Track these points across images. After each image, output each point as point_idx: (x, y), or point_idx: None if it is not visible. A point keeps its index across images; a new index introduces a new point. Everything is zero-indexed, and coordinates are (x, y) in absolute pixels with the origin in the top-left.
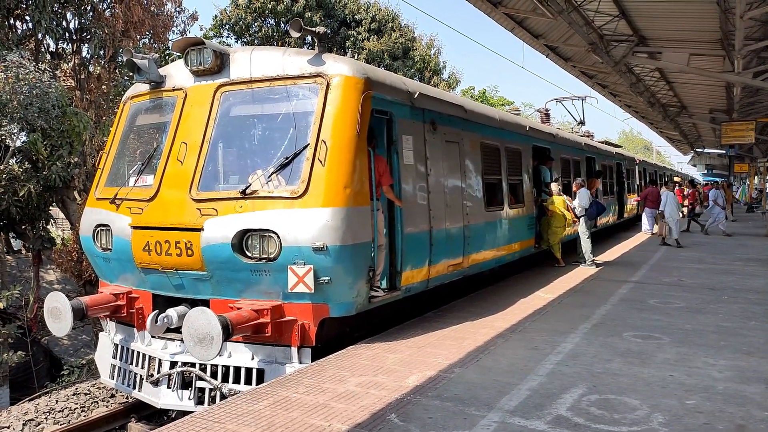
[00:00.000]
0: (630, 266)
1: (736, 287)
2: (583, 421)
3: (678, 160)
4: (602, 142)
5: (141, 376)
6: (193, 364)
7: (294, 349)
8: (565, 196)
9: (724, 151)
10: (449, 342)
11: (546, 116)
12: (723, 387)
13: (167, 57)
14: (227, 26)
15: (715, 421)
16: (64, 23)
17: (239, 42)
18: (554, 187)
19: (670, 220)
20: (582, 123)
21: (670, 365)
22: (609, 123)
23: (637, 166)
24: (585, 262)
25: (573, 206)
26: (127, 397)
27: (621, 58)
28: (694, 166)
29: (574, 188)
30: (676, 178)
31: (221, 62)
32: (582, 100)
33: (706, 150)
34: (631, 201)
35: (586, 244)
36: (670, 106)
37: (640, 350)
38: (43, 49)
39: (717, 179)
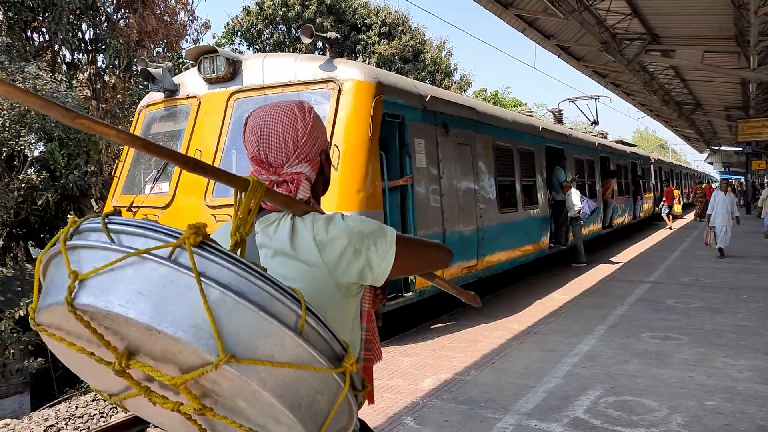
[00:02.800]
0: (647, 266)
1: (755, 286)
2: (601, 423)
3: (694, 159)
4: (616, 142)
5: None
6: None
7: None
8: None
9: (740, 149)
10: (464, 344)
11: (559, 116)
12: (743, 387)
13: (181, 65)
14: (239, 33)
15: (736, 422)
16: (79, 34)
17: (251, 49)
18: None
19: (719, 226)
20: (595, 123)
21: (688, 366)
22: (623, 122)
23: (652, 165)
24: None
25: (572, 206)
26: None
27: (634, 56)
28: (711, 164)
29: (564, 190)
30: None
31: (234, 69)
32: (595, 99)
33: (723, 148)
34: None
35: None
36: (685, 103)
37: (658, 351)
38: (59, 60)
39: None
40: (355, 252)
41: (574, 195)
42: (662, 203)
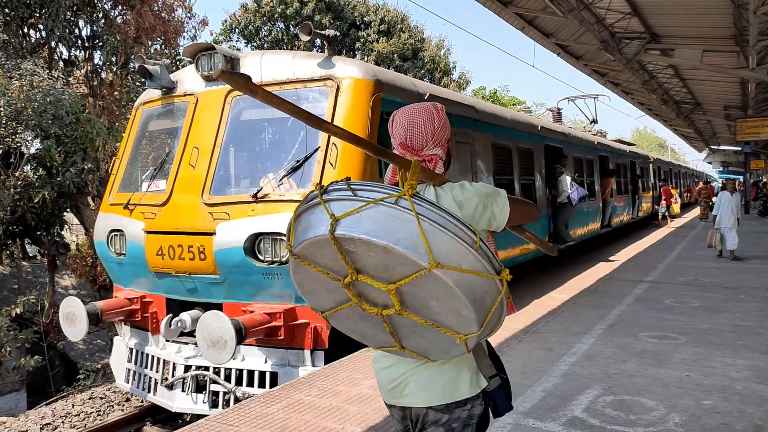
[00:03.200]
0: (645, 265)
1: (753, 286)
2: (599, 422)
3: (693, 158)
4: (615, 141)
5: (155, 379)
6: (207, 368)
7: (307, 352)
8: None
9: (739, 148)
10: None
11: (558, 115)
12: (741, 387)
13: (178, 63)
14: (237, 31)
15: (733, 422)
16: (76, 31)
17: (249, 46)
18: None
19: (725, 228)
20: (594, 121)
21: (686, 365)
22: (622, 121)
23: (651, 164)
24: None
25: (561, 192)
26: (142, 401)
27: (633, 55)
28: (710, 163)
29: (556, 176)
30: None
31: (232, 67)
32: (594, 98)
33: (722, 147)
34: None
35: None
36: (684, 103)
37: (656, 350)
38: (56, 57)
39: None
40: (483, 207)
41: (564, 181)
42: (662, 202)
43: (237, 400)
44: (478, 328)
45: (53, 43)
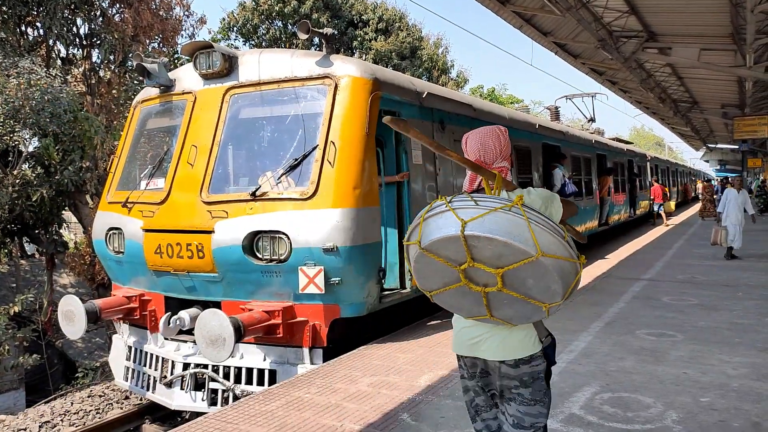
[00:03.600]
0: (642, 263)
1: (751, 284)
2: (597, 419)
3: (690, 156)
4: (613, 139)
5: (154, 377)
6: (205, 366)
7: (305, 350)
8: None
9: (736, 147)
10: None
11: (556, 114)
12: (738, 384)
13: (176, 61)
14: (235, 29)
15: (730, 419)
16: (74, 29)
17: (247, 44)
18: None
19: (731, 225)
20: (592, 120)
21: (684, 363)
22: (620, 119)
23: (648, 163)
24: None
25: (552, 186)
26: (141, 399)
27: (631, 54)
28: (707, 161)
29: (551, 169)
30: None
31: (230, 65)
32: (592, 97)
33: (719, 145)
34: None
35: None
36: (682, 101)
37: (654, 348)
38: (54, 55)
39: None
40: (545, 208)
41: (556, 175)
42: (652, 201)
43: (236, 397)
44: (561, 299)
45: (51, 41)
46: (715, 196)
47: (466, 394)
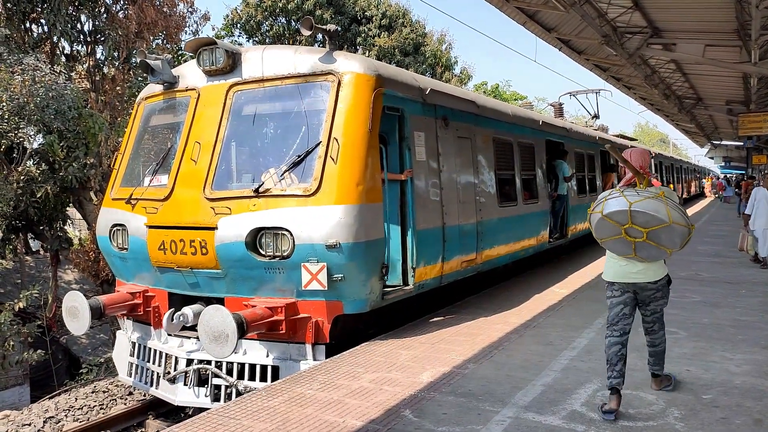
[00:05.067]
0: None
1: (754, 281)
2: (598, 416)
3: (695, 153)
4: (617, 136)
5: (158, 373)
6: (209, 362)
7: (308, 346)
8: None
9: (741, 143)
10: (463, 338)
11: (559, 110)
12: (740, 381)
13: (180, 57)
14: (238, 25)
15: (733, 416)
16: (78, 26)
17: (250, 41)
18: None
19: (759, 230)
20: (596, 116)
21: (686, 359)
22: (624, 116)
23: (653, 160)
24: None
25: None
26: (144, 395)
27: (635, 50)
28: (711, 158)
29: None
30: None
31: (233, 62)
32: (596, 93)
33: (723, 142)
34: None
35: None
36: (686, 97)
37: None
38: (58, 52)
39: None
40: (673, 196)
41: (562, 165)
42: None
43: (239, 393)
44: (679, 248)
45: (55, 38)
46: (721, 192)
47: (614, 308)
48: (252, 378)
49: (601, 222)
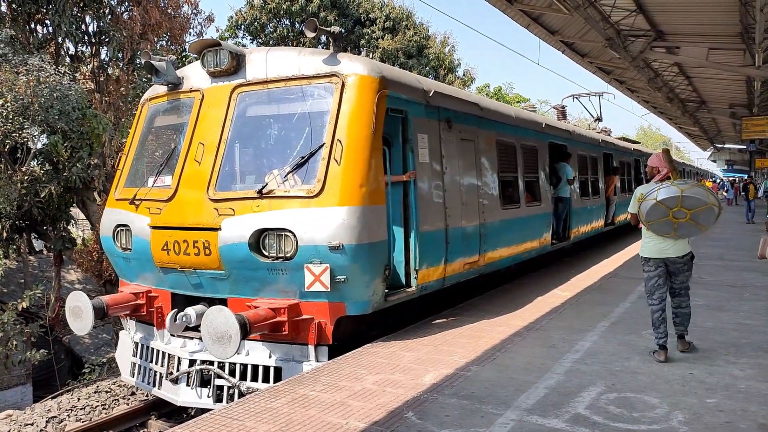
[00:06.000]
0: None
1: (758, 284)
2: (602, 419)
3: (698, 156)
4: (620, 139)
5: (161, 374)
6: (211, 362)
7: (311, 348)
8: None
9: (744, 147)
10: (466, 340)
11: (562, 113)
12: (744, 385)
13: (184, 59)
14: (242, 27)
15: (737, 420)
16: (83, 27)
17: (254, 43)
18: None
19: None
20: (599, 119)
21: (690, 363)
22: (627, 119)
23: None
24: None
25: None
26: (147, 395)
27: (638, 53)
28: (714, 162)
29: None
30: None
31: (237, 63)
32: (599, 96)
33: (726, 145)
34: None
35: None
36: (689, 101)
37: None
38: (62, 53)
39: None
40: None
41: (565, 168)
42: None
43: (241, 394)
44: (713, 225)
45: (60, 39)
46: (725, 193)
47: (650, 281)
48: (254, 379)
49: (654, 207)
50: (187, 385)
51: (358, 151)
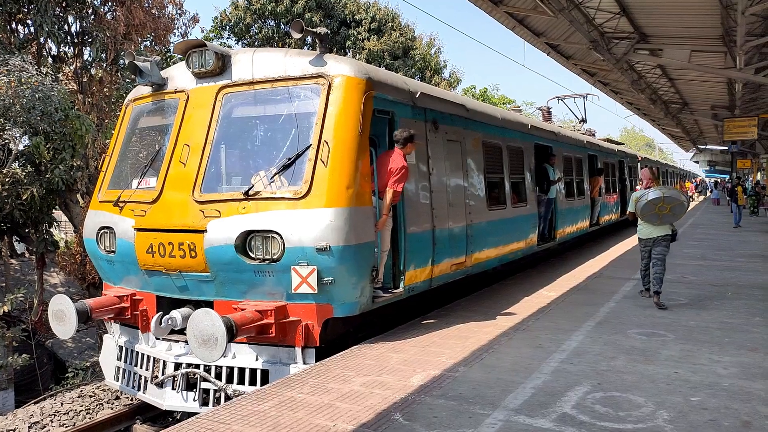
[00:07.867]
0: (633, 263)
1: (740, 284)
2: (588, 418)
3: (680, 157)
4: (604, 140)
5: (146, 377)
6: (197, 366)
7: (298, 350)
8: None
9: (726, 148)
10: (453, 341)
11: (548, 114)
12: (728, 383)
13: (169, 59)
14: (227, 28)
15: (721, 418)
16: (65, 27)
17: (240, 44)
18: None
19: None
20: (584, 121)
21: (674, 362)
22: (611, 120)
23: (639, 164)
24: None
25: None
26: (131, 399)
27: (622, 55)
28: (697, 162)
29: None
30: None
31: (223, 64)
32: (583, 98)
33: (709, 146)
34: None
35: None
36: (672, 102)
37: (645, 347)
38: (45, 53)
39: (720, 176)
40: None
41: (549, 170)
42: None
43: (228, 398)
44: (683, 214)
45: (42, 39)
46: (709, 194)
47: (641, 252)
48: (241, 382)
49: (647, 204)
50: (173, 388)
51: (345, 153)
